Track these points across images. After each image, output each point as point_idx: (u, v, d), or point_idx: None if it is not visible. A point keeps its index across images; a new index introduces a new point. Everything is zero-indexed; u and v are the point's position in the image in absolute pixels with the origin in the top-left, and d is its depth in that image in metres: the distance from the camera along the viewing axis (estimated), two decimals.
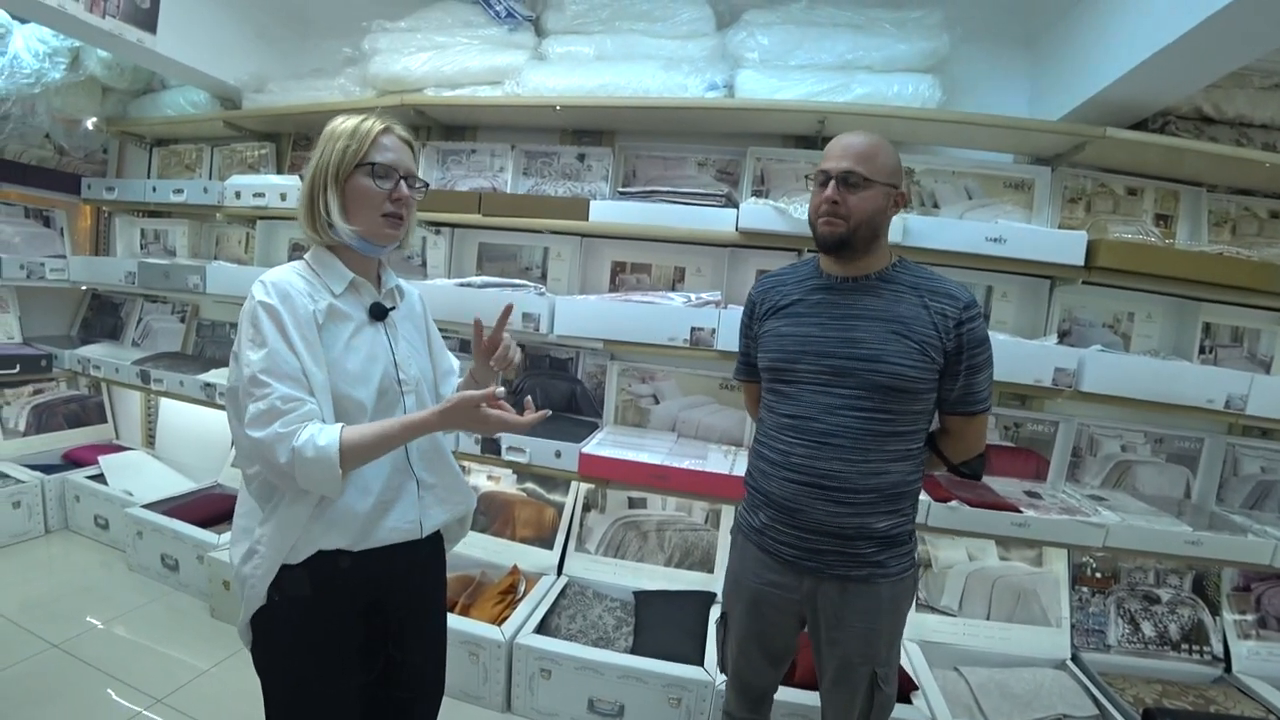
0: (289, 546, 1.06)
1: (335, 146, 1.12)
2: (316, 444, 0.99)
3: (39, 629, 2.17)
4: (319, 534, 1.07)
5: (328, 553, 1.08)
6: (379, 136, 1.13)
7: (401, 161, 1.15)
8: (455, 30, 2.40)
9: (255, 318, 1.04)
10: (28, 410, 3.14)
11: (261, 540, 1.08)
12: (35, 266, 2.96)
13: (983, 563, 2.22)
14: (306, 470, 0.99)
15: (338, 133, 1.13)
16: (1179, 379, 1.83)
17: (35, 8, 2.03)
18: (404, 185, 1.14)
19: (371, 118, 1.15)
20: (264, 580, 1.07)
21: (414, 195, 1.17)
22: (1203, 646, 2.13)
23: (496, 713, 1.99)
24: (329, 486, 1.02)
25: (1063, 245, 1.86)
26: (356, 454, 1.03)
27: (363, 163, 1.11)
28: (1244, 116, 2.02)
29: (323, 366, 1.07)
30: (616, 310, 2.06)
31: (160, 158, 3.27)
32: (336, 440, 1.00)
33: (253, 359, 1.02)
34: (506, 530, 2.49)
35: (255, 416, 1.00)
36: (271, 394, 1.00)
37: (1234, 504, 2.17)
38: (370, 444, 1.04)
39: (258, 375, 1.01)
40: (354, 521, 1.09)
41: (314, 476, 1.00)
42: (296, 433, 0.99)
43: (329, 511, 1.08)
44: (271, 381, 1.01)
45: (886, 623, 1.28)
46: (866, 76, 2.04)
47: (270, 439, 0.99)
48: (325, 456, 0.99)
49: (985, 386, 1.27)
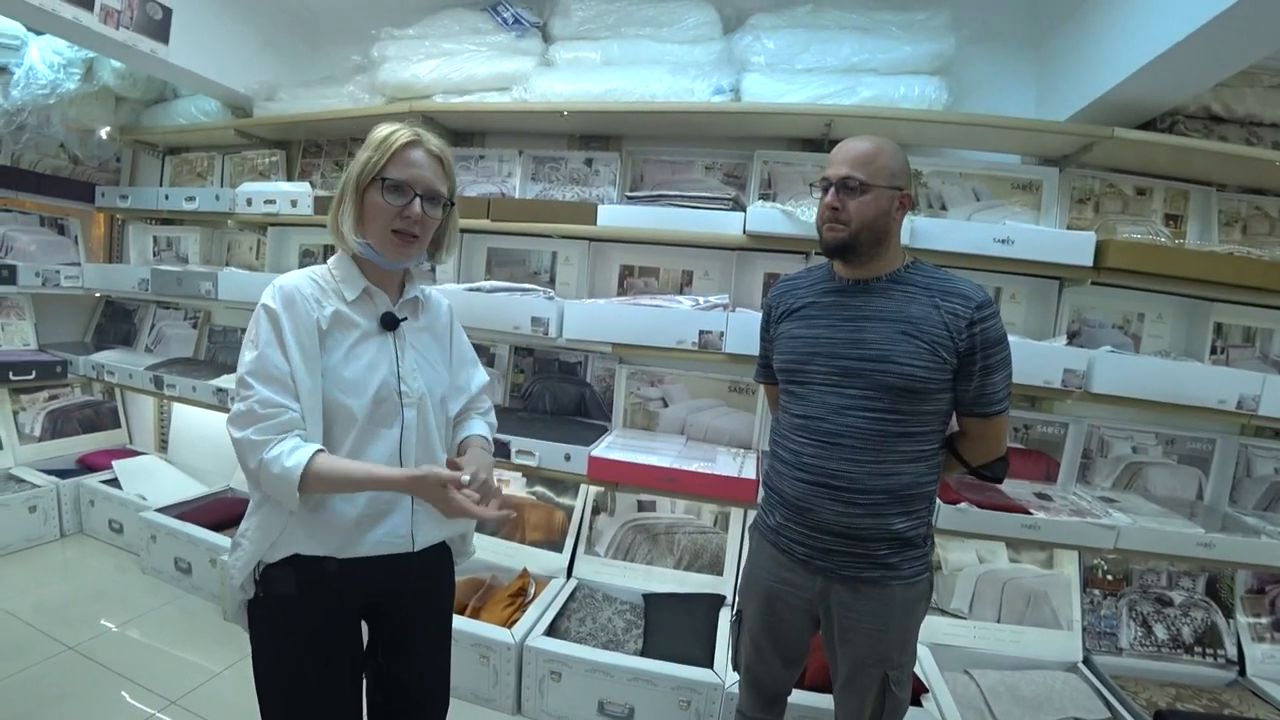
0: (269, 544, 1.08)
1: (362, 156, 1.11)
2: (283, 464, 1.00)
3: (55, 631, 2.19)
4: (301, 538, 1.08)
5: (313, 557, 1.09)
6: (402, 150, 1.10)
7: (422, 178, 1.11)
8: (463, 37, 2.43)
9: (256, 320, 1.07)
10: (43, 416, 3.18)
11: (246, 534, 1.10)
12: (50, 274, 3.00)
13: (993, 565, 2.21)
14: (269, 482, 1.02)
15: (370, 141, 1.12)
16: (1190, 380, 1.82)
17: (51, 20, 2.06)
18: (418, 204, 1.11)
19: (403, 129, 1.12)
20: (242, 572, 1.09)
21: (432, 214, 1.14)
22: (1216, 650, 2.11)
23: (507, 715, 1.99)
24: (288, 502, 1.03)
25: (1071, 246, 1.85)
26: (322, 484, 1.03)
27: (379, 176, 1.10)
28: (1254, 115, 2.01)
29: (316, 374, 1.07)
30: (625, 314, 2.07)
31: (172, 166, 3.31)
32: (303, 465, 1.00)
33: (244, 359, 1.05)
34: (516, 533, 2.50)
35: (235, 415, 1.03)
36: (253, 396, 1.02)
37: (1247, 505, 2.15)
38: (337, 480, 1.04)
39: (244, 376, 1.04)
40: (337, 531, 1.09)
41: (275, 489, 1.02)
42: (270, 444, 1.01)
43: (314, 517, 1.08)
44: (256, 384, 1.02)
45: (898, 625, 1.28)
46: (873, 79, 2.05)
47: (244, 441, 1.02)
48: (287, 478, 1.00)
49: (1002, 387, 1.25)
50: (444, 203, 1.17)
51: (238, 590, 1.11)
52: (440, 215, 1.17)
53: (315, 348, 1.07)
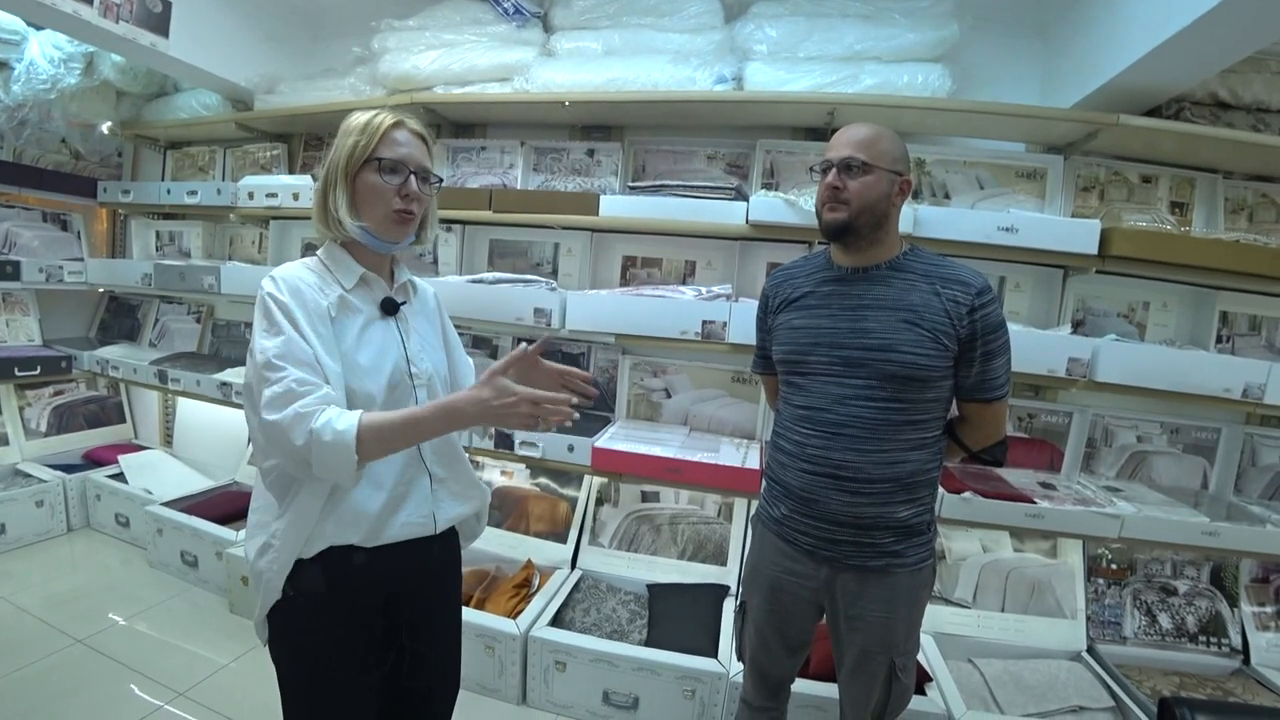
0: (303, 540, 1.06)
1: (346, 142, 1.12)
2: (334, 427, 0.97)
3: (63, 625, 2.21)
4: (331, 530, 1.07)
5: (341, 549, 1.08)
6: (389, 131, 1.12)
7: (412, 156, 1.14)
8: (464, 28, 2.42)
9: (267, 310, 1.04)
10: (49, 411, 3.20)
11: (277, 535, 1.08)
12: (54, 270, 3.00)
13: (997, 554, 2.21)
14: (322, 455, 0.97)
15: (350, 128, 1.13)
16: (1195, 368, 1.81)
17: (51, 15, 2.06)
18: (413, 181, 1.13)
19: (384, 112, 1.14)
20: (280, 575, 1.07)
21: (425, 192, 1.16)
22: (1221, 638, 2.11)
23: (512, 705, 2.00)
24: (343, 473, 0.99)
25: (1076, 234, 1.84)
26: (377, 441, 1.00)
27: (371, 158, 1.11)
28: (1261, 101, 1.98)
29: (336, 359, 1.06)
30: (628, 305, 2.07)
31: (174, 160, 3.31)
32: (354, 425, 0.98)
33: (267, 345, 1.01)
34: (520, 525, 2.51)
35: (271, 399, 0.98)
36: (287, 377, 0.99)
37: (1252, 494, 2.15)
38: (388, 431, 1.01)
39: (272, 360, 1.00)
40: (366, 518, 1.09)
41: (329, 462, 0.98)
42: (315, 415, 0.97)
43: (340, 507, 1.07)
44: (287, 366, 1.00)
45: (904, 612, 1.28)
46: (876, 67, 2.03)
47: (288, 421, 0.97)
48: (343, 441, 0.97)
49: (1003, 373, 1.26)
50: (434, 180, 1.19)
51: (274, 593, 1.08)
52: (431, 193, 1.19)
53: (330, 334, 1.07)
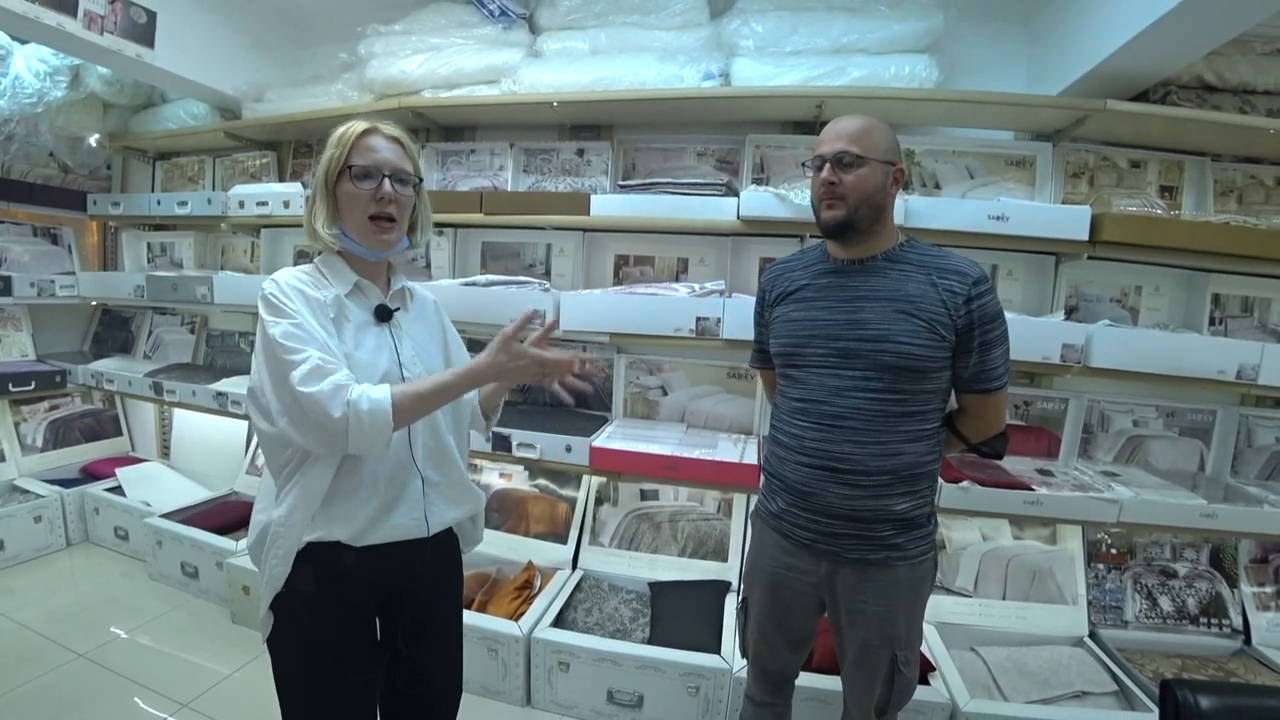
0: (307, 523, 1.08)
1: (325, 156, 1.14)
2: (371, 398, 1.01)
3: (65, 639, 2.20)
4: (322, 522, 1.09)
5: (330, 547, 1.09)
6: (360, 139, 1.14)
7: (386, 160, 1.14)
8: (450, 31, 2.41)
9: (272, 304, 1.06)
10: (44, 426, 3.18)
11: (281, 522, 1.08)
12: (45, 284, 2.99)
13: (997, 542, 2.22)
14: (359, 425, 1.00)
15: (329, 143, 1.15)
16: (1189, 351, 1.82)
17: (35, 28, 2.05)
18: (387, 184, 1.13)
19: (356, 122, 1.16)
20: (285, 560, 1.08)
21: (403, 193, 1.16)
22: (1221, 620, 2.12)
23: (517, 707, 2.00)
24: (379, 442, 1.03)
25: (1066, 221, 1.85)
26: (410, 407, 1.05)
27: (344, 167, 1.13)
28: (1247, 84, 1.99)
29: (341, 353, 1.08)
30: (621, 303, 2.07)
31: (163, 171, 3.29)
32: (389, 394, 1.02)
33: (279, 327, 1.03)
34: (520, 526, 2.50)
35: (306, 374, 1.00)
36: (311, 354, 1.01)
37: (1249, 475, 2.16)
38: (416, 398, 1.06)
39: (288, 339, 1.02)
40: (356, 517, 1.10)
41: (366, 432, 1.01)
42: (349, 387, 1.01)
43: (332, 506, 1.09)
44: (306, 345, 1.02)
45: (905, 605, 1.28)
46: (863, 59, 2.04)
47: (326, 394, 0.99)
48: (380, 408, 1.01)
49: (1001, 363, 1.25)
50: (412, 181, 1.19)
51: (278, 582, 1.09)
52: (412, 194, 1.20)
53: (331, 327, 1.10)
